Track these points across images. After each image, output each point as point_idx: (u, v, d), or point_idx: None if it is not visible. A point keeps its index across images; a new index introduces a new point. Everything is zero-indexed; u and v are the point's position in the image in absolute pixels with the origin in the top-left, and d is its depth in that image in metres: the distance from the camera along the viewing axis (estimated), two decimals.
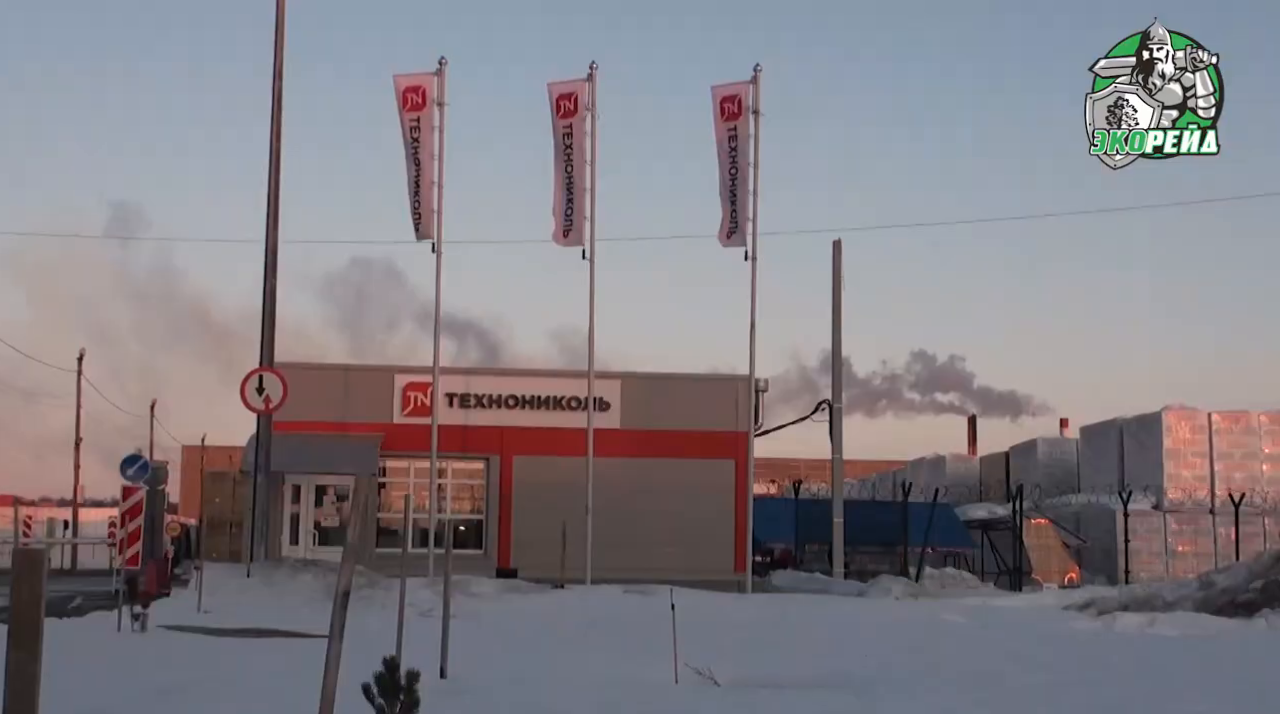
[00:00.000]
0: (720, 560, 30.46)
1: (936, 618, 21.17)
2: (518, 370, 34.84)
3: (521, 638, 17.54)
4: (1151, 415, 43.50)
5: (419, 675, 7.77)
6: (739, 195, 28.68)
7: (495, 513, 31.00)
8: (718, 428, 31.34)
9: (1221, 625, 19.99)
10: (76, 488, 56.91)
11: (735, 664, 13.98)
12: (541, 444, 30.99)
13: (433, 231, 28.49)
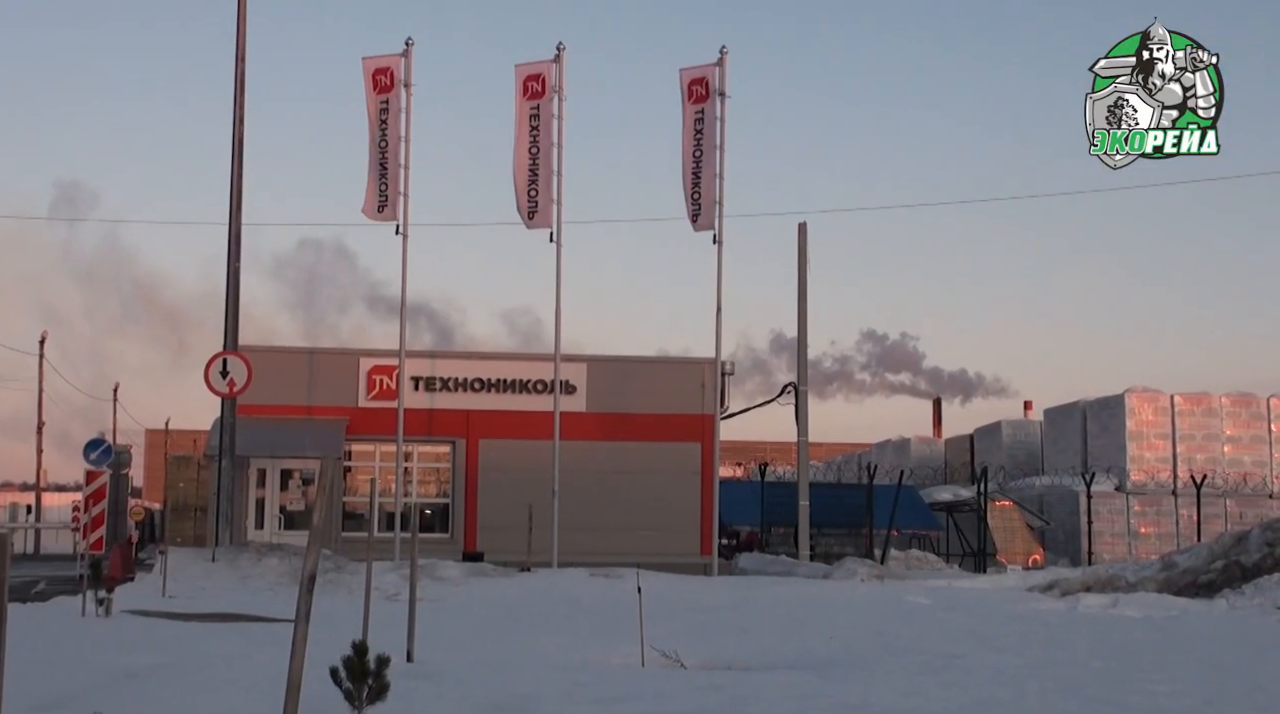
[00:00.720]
0: (686, 543, 30.53)
1: (901, 600, 21.28)
2: (484, 353, 34.76)
3: (488, 622, 17.54)
4: (1114, 397, 43.79)
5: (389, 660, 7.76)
6: (705, 178, 28.69)
7: (461, 497, 30.95)
8: (684, 411, 31.37)
9: (1183, 606, 20.17)
10: (39, 472, 56.58)
11: (702, 646, 14.03)
12: (507, 427, 30.95)
13: (398, 214, 28.40)
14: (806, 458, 32.45)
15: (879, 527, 34.88)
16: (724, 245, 28.80)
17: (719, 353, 30.03)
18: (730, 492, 36.17)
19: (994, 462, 47.36)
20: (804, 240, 32.08)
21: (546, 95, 28.67)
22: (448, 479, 31.38)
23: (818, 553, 32.87)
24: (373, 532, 13.41)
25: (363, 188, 28.51)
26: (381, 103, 28.42)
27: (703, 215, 28.79)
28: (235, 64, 27.57)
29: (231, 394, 26.39)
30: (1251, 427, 43.70)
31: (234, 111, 27.53)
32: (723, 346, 29.95)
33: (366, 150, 28.57)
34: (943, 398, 72.05)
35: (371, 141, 28.56)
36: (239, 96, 27.55)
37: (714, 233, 28.77)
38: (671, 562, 28.32)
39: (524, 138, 28.78)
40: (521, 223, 28.78)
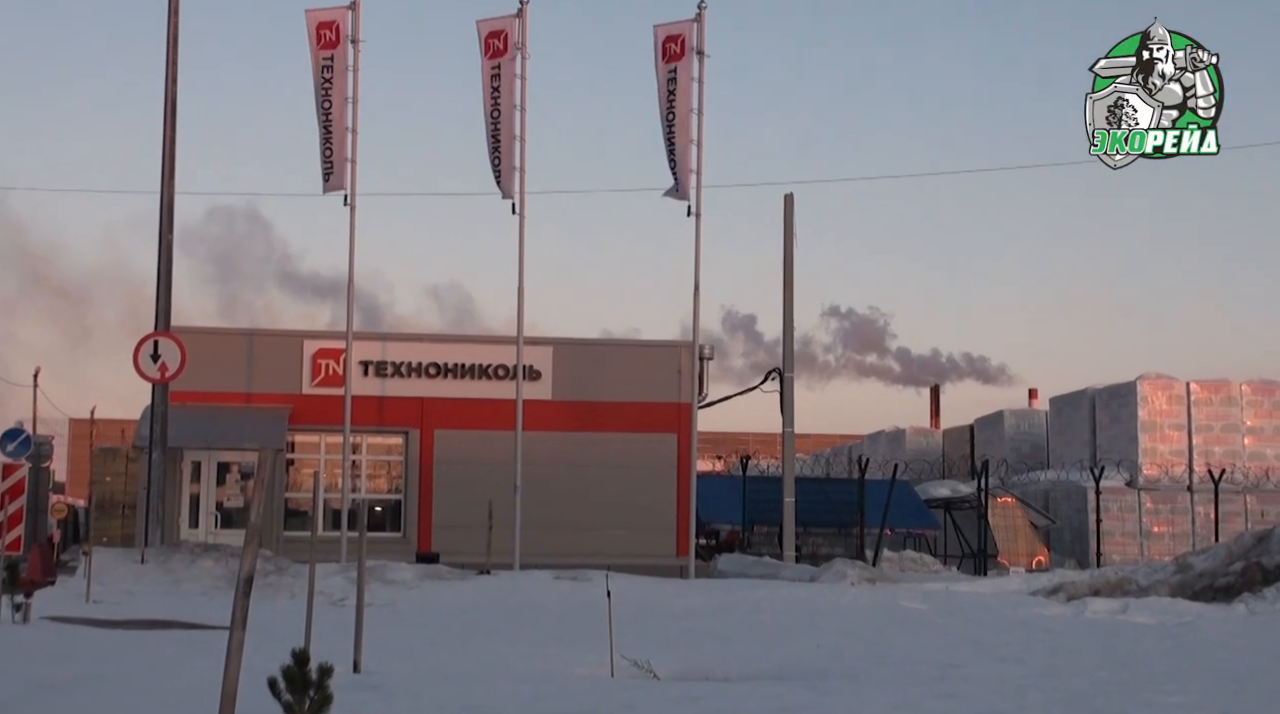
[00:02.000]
0: (661, 543, 30.57)
1: (895, 604, 21.35)
2: (440, 336, 34.71)
3: (443, 629, 17.53)
4: (1125, 385, 43.99)
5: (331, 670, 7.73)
6: (680, 145, 28.68)
7: (415, 492, 30.92)
8: (658, 399, 31.39)
9: (1199, 611, 20.29)
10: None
11: (676, 655, 14.04)
12: (465, 417, 30.93)
13: (345, 182, 28.30)
14: (792, 450, 32.52)
15: (871, 525, 34.99)
16: (702, 218, 28.83)
17: (696, 335, 30.09)
18: (709, 487, 36.20)
19: (995, 455, 47.57)
20: (790, 212, 32.10)
21: (509, 53, 28.60)
22: (400, 473, 31.34)
23: (804, 554, 32.95)
24: (316, 530, 13.38)
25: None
26: (325, 59, 28.30)
27: (679, 185, 28.78)
28: (168, 17, 27.38)
29: (163, 380, 26.28)
30: (1274, 417, 43.93)
31: (166, 70, 27.36)
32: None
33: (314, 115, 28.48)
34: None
35: (316, 104, 28.44)
36: (171, 56, 27.38)
37: (690, 204, 28.76)
38: (645, 563, 28.36)
39: (488, 100, 28.70)
40: (474, 193, 28.80)
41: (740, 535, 36.20)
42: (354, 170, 28.27)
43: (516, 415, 28.88)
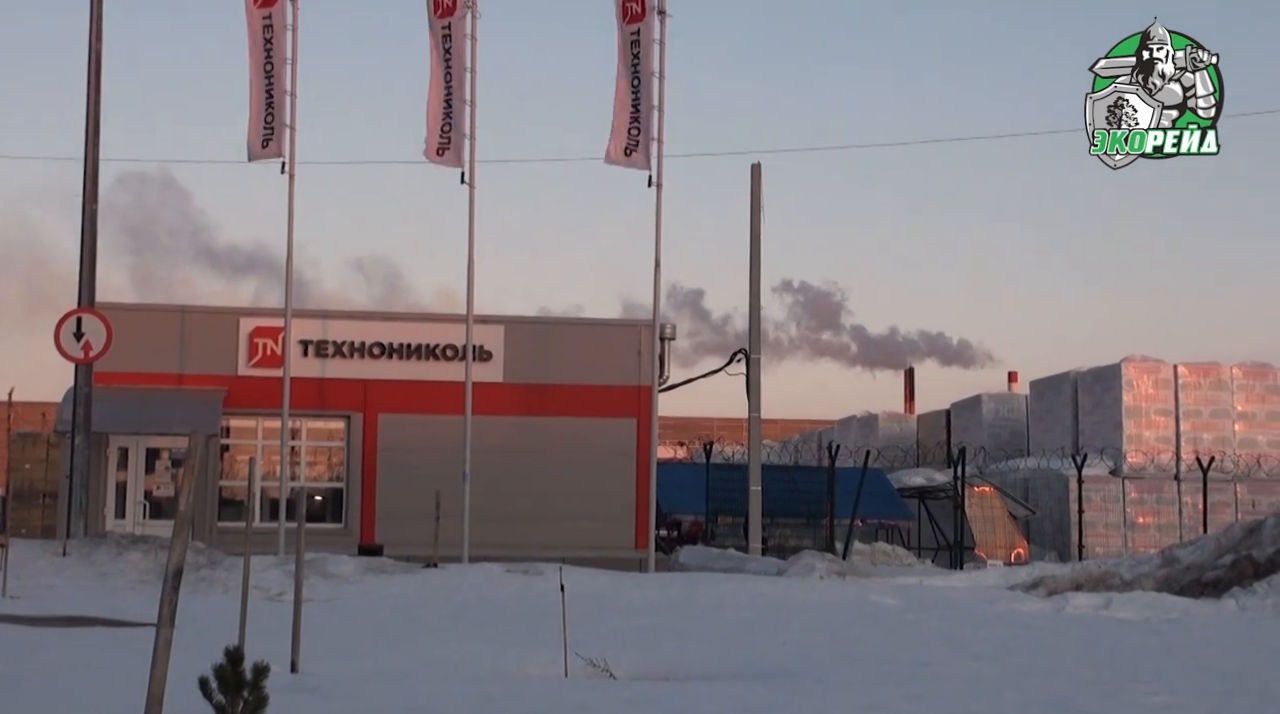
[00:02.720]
0: (619, 535, 30.60)
1: (865, 600, 21.44)
2: (385, 314, 34.63)
3: (387, 625, 17.51)
4: (1109, 367, 44.21)
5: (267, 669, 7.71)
6: (642, 110, 28.63)
7: (357, 480, 30.85)
8: (617, 382, 31.40)
9: (1186, 607, 20.44)
10: None
11: (634, 654, 14.07)
12: (412, 400, 30.87)
13: (284, 149, 28.13)
14: (759, 437, 32.59)
15: (841, 516, 35.11)
16: (664, 188, 28.78)
17: (657, 313, 30.02)
18: (670, 475, 36.23)
19: (973, 441, 47.81)
20: (758, 183, 32.12)
21: (459, 12, 28.47)
22: (341, 460, 31.26)
23: (770, 546, 33.04)
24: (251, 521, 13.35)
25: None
26: (264, 18, 28.11)
27: (639, 152, 28.73)
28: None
29: (87, 360, 26.10)
30: (1267, 402, 44.21)
31: (90, 25, 27.15)
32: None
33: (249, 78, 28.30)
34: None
35: (254, 65, 28.23)
36: (96, 7, 27.16)
37: (651, 174, 28.72)
38: (601, 556, 28.37)
39: (437, 63, 28.57)
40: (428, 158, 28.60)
41: (703, 527, 36.25)
42: (293, 136, 28.13)
43: (466, 399, 28.80)
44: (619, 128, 28.79)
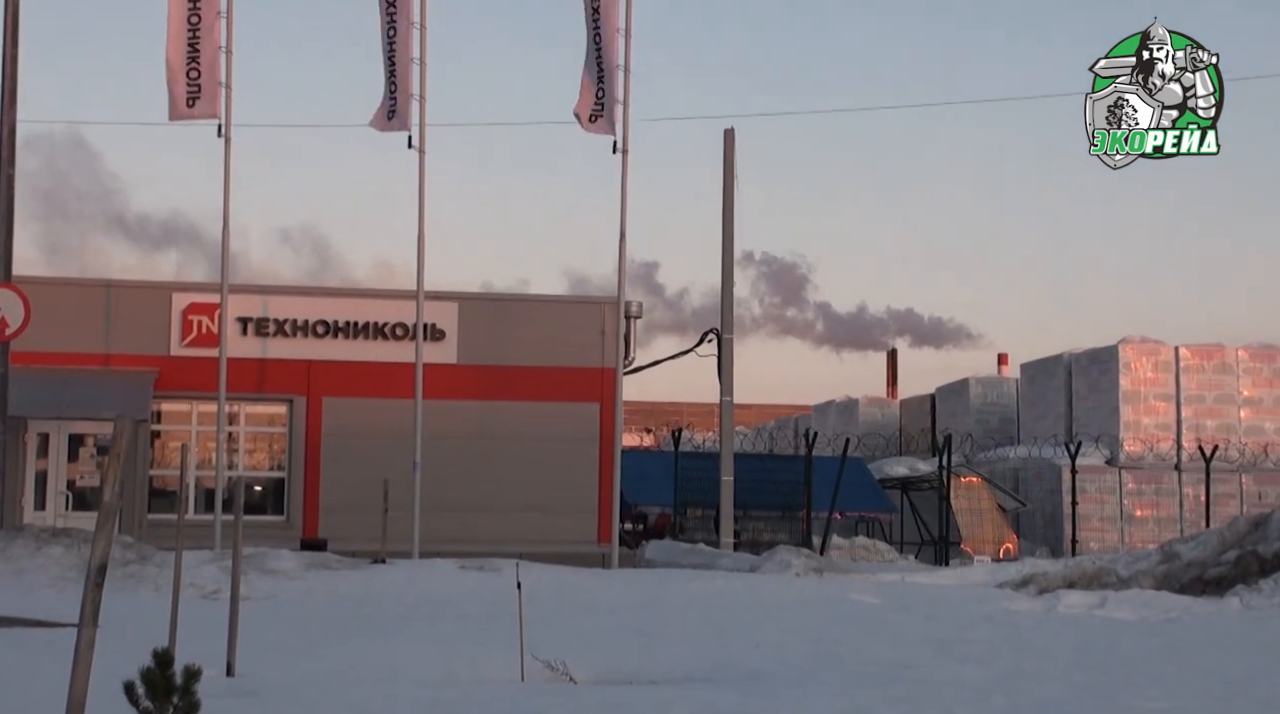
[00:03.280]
0: (581, 529, 30.61)
1: (844, 598, 21.50)
2: (329, 289, 34.47)
3: (331, 625, 17.48)
4: (1105, 349, 44.35)
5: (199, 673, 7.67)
6: (606, 70, 28.58)
7: (300, 469, 30.76)
8: (579, 364, 31.37)
9: (1187, 605, 20.55)
10: None
11: (596, 656, 14.07)
12: (359, 382, 30.77)
13: (218, 109, 27.94)
14: (731, 423, 32.60)
15: (819, 508, 35.19)
16: (630, 154, 28.73)
17: (622, 290, 29.99)
18: (636, 464, 36.22)
19: (959, 428, 47.97)
20: (731, 149, 32.07)
21: None
22: (283, 447, 31.16)
23: (743, 540, 33.07)
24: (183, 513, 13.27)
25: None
26: None
27: (604, 116, 28.69)
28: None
29: (3, 338, 25.91)
30: (1275, 386, 44.43)
31: None
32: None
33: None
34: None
35: (175, 18, 27.91)
36: None
37: (617, 139, 28.67)
38: (562, 551, 28.39)
39: (383, 19, 28.43)
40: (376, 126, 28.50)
41: (671, 520, 36.28)
42: (229, 96, 27.94)
43: (416, 381, 28.73)
44: (585, 91, 28.74)
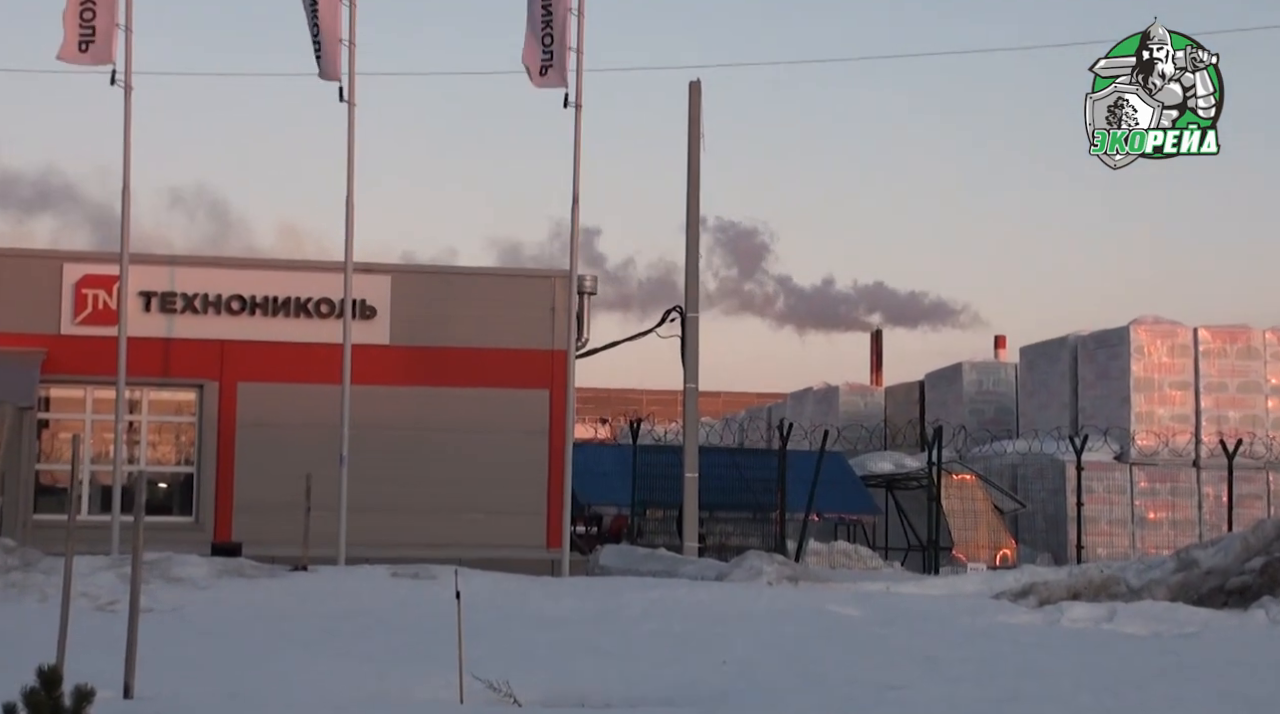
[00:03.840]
0: (527, 531, 30.56)
1: (822, 610, 21.54)
2: (244, 260, 34.32)
3: (245, 640, 17.43)
4: (1115, 331, 44.39)
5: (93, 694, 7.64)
6: (557, 17, 28.50)
7: (211, 464, 30.62)
8: (525, 345, 31.29)
9: (1206, 619, 20.62)
10: None
11: (544, 675, 14.06)
12: (278, 366, 30.64)
13: (112, 55, 27.73)
14: (695, 413, 32.61)
15: (794, 509, 35.22)
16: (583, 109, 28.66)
17: (575, 262, 29.91)
18: (590, 459, 36.20)
19: (951, 419, 48.07)
20: (697, 105, 32.03)
21: None
22: (192, 439, 31.03)
23: (710, 545, 33.09)
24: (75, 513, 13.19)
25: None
26: None
27: (555, 68, 28.61)
28: None
29: None
30: None
31: None
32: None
33: None
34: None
35: None
36: None
37: (569, 92, 28.60)
38: (507, 557, 28.34)
39: None
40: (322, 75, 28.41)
41: (628, 522, 36.30)
42: (129, 40, 27.74)
43: (344, 365, 28.63)
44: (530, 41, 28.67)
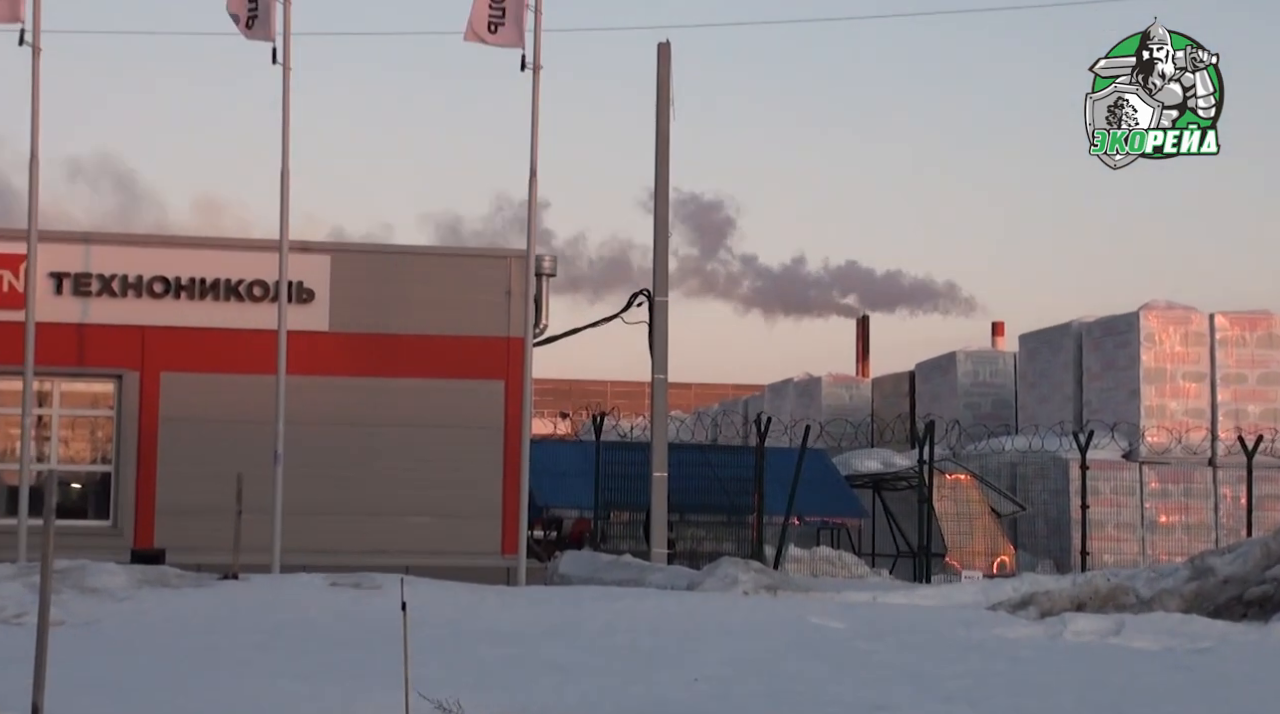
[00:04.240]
0: (480, 536, 30.55)
1: (803, 622, 21.52)
2: (168, 238, 34.24)
3: (168, 656, 17.36)
4: (1123, 317, 44.41)
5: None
6: None
7: (131, 463, 30.57)
8: (478, 332, 31.28)
9: (1223, 633, 20.63)
10: None
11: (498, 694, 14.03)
12: (206, 354, 30.60)
13: (21, 12, 27.61)
14: (665, 406, 32.57)
15: (772, 512, 35.23)
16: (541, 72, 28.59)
17: (533, 240, 29.81)
18: (549, 457, 36.21)
19: (945, 413, 48.08)
20: (666, 68, 31.95)
21: None
22: (109, 435, 30.97)
23: (680, 551, 33.09)
24: None
25: None
26: None
27: (507, 26, 28.53)
28: None
29: None
30: None
31: None
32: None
33: None
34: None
35: None
36: None
37: (525, 53, 28.53)
38: (458, 564, 28.31)
39: None
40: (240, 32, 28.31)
41: (591, 526, 36.29)
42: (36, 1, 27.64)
43: (279, 352, 28.55)
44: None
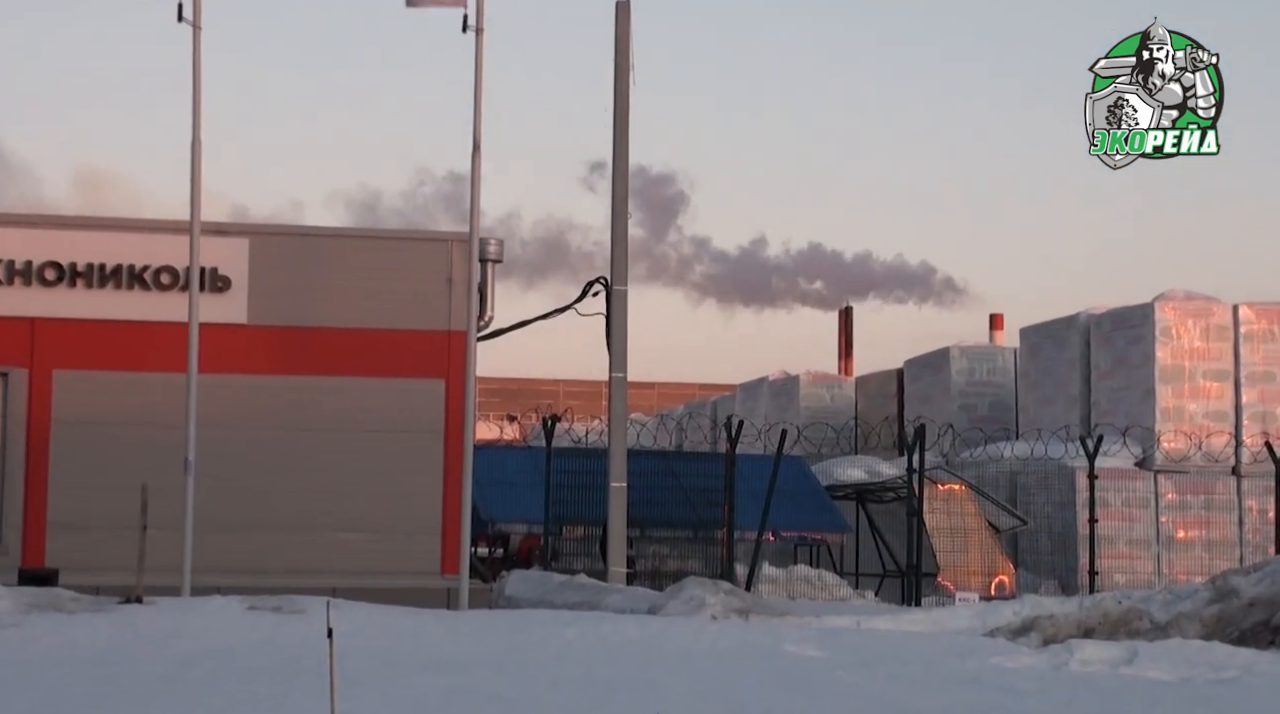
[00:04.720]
0: (418, 554, 30.52)
1: (779, 650, 21.56)
2: (64, 219, 34.11)
3: (61, 690, 17.30)
4: (1136, 308, 44.53)
5: None
6: None
7: (19, 472, 30.50)
8: (415, 325, 31.25)
9: (1248, 661, 20.69)
10: None
11: None
12: (106, 350, 30.53)
13: None
14: (624, 408, 32.57)
15: (744, 526, 35.24)
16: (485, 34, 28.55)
17: (475, 222, 29.74)
18: (495, 465, 36.22)
19: (937, 416, 48.15)
20: (625, 28, 31.97)
21: None
22: None
23: (641, 570, 33.11)
24: None
25: None
26: None
27: None
28: None
29: None
30: None
31: None
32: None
33: None
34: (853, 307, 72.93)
35: None
36: None
37: (467, 13, 28.54)
38: (392, 586, 28.30)
39: None
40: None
41: (541, 542, 36.28)
42: None
43: (190, 348, 28.46)
44: None
